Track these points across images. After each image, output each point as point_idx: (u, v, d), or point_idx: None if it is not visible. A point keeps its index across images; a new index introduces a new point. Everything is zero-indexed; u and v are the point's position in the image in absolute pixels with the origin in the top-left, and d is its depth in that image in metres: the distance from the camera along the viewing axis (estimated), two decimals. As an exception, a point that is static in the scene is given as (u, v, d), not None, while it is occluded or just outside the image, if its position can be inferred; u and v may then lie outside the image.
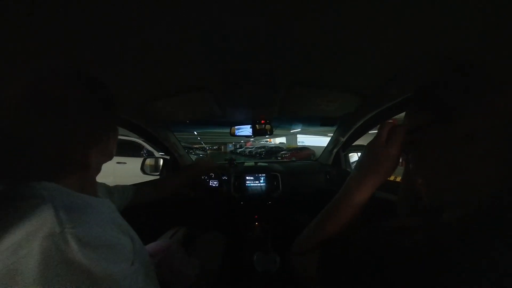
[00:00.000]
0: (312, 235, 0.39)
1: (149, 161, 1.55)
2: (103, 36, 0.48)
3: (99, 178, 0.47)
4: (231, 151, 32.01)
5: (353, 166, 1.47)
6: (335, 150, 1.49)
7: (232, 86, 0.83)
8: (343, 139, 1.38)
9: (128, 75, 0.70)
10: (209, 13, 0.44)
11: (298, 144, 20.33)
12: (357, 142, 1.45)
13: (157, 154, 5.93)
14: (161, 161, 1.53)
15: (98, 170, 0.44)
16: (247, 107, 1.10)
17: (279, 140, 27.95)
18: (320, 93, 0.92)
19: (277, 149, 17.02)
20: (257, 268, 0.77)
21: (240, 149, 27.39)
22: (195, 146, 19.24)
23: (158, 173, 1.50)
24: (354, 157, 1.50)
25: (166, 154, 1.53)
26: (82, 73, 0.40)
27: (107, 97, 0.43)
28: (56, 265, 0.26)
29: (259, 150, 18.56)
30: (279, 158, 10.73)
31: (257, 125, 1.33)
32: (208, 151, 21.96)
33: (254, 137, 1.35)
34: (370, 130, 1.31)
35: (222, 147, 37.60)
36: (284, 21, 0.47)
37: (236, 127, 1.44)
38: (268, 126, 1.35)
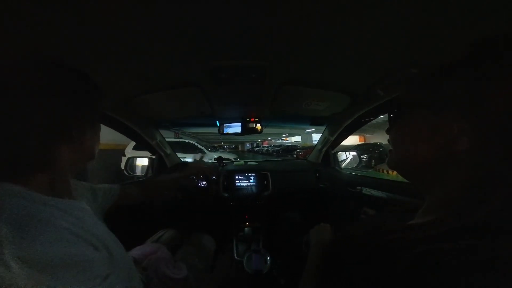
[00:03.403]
0: None
1: (133, 161, 1.47)
2: (86, 25, 0.44)
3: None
4: (249, 150, 32.80)
5: (341, 164, 1.50)
6: (324, 149, 1.51)
7: (222, 83, 0.80)
8: (332, 138, 1.40)
9: (110, 68, 0.65)
10: (198, 6, 0.42)
11: (313, 142, 20.83)
12: (345, 142, 1.49)
13: (207, 152, 6.43)
14: (147, 161, 1.46)
15: (74, 169, 0.40)
16: (237, 104, 1.07)
17: (295, 139, 28.58)
18: (310, 92, 0.92)
19: (293, 147, 17.34)
20: (247, 269, 0.76)
21: (258, 148, 27.94)
22: (215, 145, 19.49)
23: (143, 174, 1.43)
24: (343, 155, 1.54)
25: (152, 153, 1.46)
26: (44, 59, 0.35)
27: (77, 86, 0.37)
28: None
29: (276, 148, 18.90)
30: (295, 155, 11.51)
31: (246, 123, 1.31)
32: (227, 150, 22.31)
33: (243, 134, 1.33)
34: (357, 129, 1.35)
35: (240, 145, 38.28)
36: (275, 18, 0.46)
37: (225, 124, 1.41)
38: (257, 125, 1.33)
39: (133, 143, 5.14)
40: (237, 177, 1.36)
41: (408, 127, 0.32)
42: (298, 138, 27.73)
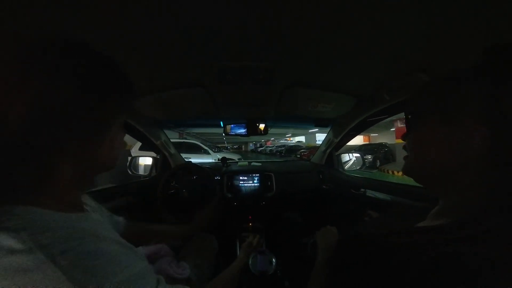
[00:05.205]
0: None
1: (136, 160, 1.48)
2: (88, 25, 0.44)
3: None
4: (252, 150, 32.66)
5: (344, 166, 1.49)
6: (328, 151, 1.50)
7: (228, 83, 0.80)
8: (336, 140, 1.39)
9: None
10: (205, 5, 0.42)
11: (317, 142, 20.80)
12: (350, 143, 1.47)
13: (211, 152, 6.56)
14: (150, 160, 1.47)
15: (87, 182, 0.34)
16: (242, 105, 1.07)
17: (298, 139, 28.53)
18: (316, 94, 0.91)
19: (297, 147, 17.27)
20: (252, 270, 0.76)
21: (261, 148, 27.92)
22: (218, 145, 19.68)
23: (147, 174, 1.44)
24: (346, 157, 1.52)
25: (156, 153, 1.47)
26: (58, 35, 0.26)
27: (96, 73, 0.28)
28: None
29: (280, 148, 18.96)
30: (298, 155, 11.51)
31: (251, 124, 1.31)
32: (231, 150, 22.51)
33: (248, 135, 1.33)
34: (362, 131, 1.34)
35: (243, 146, 38.42)
36: (281, 20, 0.46)
37: (230, 125, 1.41)
38: (262, 126, 1.33)
39: (139, 143, 5.23)
40: (240, 178, 1.36)
41: (427, 134, 0.32)
42: (301, 138, 27.61)
